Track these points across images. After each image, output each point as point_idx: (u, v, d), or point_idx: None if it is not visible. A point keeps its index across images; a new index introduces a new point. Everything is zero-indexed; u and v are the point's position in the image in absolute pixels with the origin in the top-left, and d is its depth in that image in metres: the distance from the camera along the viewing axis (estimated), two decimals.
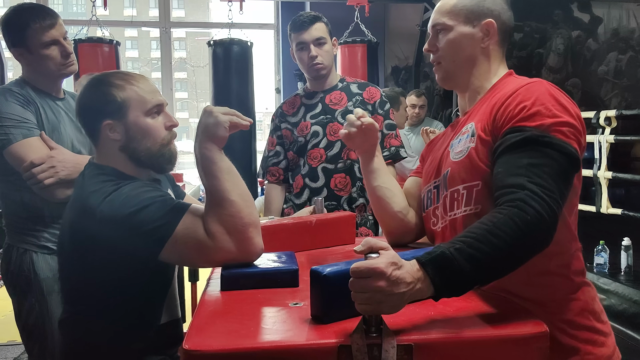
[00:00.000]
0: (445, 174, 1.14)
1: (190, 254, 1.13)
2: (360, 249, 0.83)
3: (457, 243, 0.87)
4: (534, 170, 0.94)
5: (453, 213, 1.11)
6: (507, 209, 0.90)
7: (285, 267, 1.10)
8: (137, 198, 1.14)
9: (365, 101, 2.08)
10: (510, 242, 0.88)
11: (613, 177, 3.49)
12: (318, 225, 1.41)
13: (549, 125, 0.99)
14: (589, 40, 6.00)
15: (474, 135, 1.08)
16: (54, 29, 1.65)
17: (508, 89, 1.08)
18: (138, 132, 1.25)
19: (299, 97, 2.14)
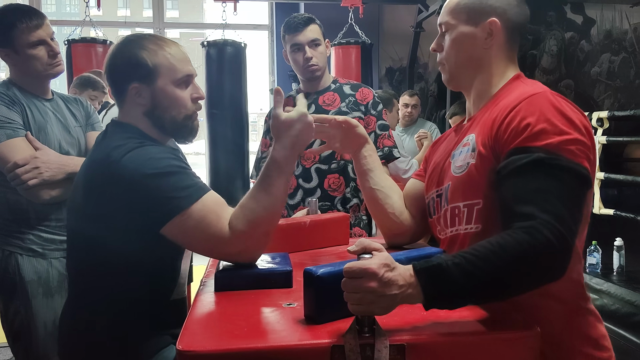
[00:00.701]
0: (446, 187, 1.10)
1: (197, 236, 1.10)
2: (354, 250, 0.84)
3: (457, 257, 0.84)
4: (545, 196, 0.88)
5: (455, 229, 1.08)
6: (517, 234, 0.85)
7: (279, 268, 1.10)
8: (162, 162, 1.12)
9: (358, 102, 2.09)
10: (512, 267, 0.85)
11: (605, 178, 3.50)
12: (312, 226, 1.41)
13: (556, 144, 0.92)
14: (582, 41, 6.03)
15: (475, 150, 1.03)
16: (41, 29, 1.65)
17: (510, 99, 1.02)
18: (164, 100, 1.23)
19: (292, 99, 2.15)
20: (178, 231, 1.10)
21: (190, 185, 1.11)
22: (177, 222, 1.08)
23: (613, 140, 3.54)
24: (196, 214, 1.08)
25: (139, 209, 1.10)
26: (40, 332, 1.65)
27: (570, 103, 1.00)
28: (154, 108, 1.23)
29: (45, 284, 1.66)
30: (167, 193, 1.08)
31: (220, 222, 1.10)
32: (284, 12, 5.49)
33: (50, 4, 34.73)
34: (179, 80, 1.23)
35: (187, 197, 1.09)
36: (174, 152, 1.18)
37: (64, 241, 1.69)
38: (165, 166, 1.11)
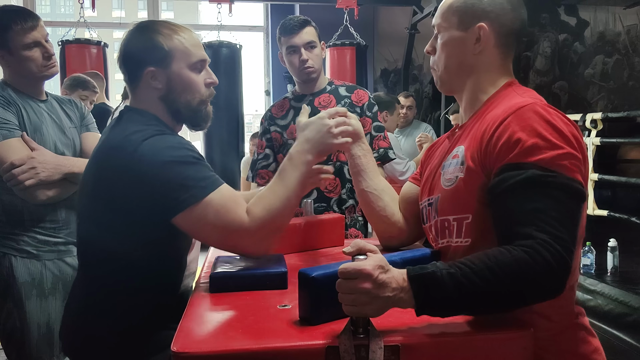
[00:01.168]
0: (436, 199, 1.09)
1: (214, 225, 1.09)
2: (349, 251, 0.84)
3: (453, 267, 0.84)
4: (541, 216, 0.86)
5: (445, 241, 1.07)
6: (516, 252, 0.84)
7: (274, 269, 1.10)
8: (181, 152, 1.12)
9: (354, 104, 2.10)
10: (506, 284, 0.84)
11: (599, 179, 3.52)
12: (307, 227, 1.41)
13: (549, 159, 0.90)
14: (575, 43, 6.06)
15: (463, 164, 1.01)
16: (36, 31, 1.65)
17: (500, 110, 0.99)
18: (180, 84, 1.22)
19: (288, 100, 2.16)
20: (193, 220, 1.09)
21: (208, 176, 1.11)
22: (193, 211, 1.08)
23: (607, 141, 3.55)
24: (215, 202, 1.09)
25: (153, 195, 1.09)
26: (33, 334, 1.64)
27: (561, 113, 0.97)
28: (169, 92, 1.22)
29: (39, 286, 1.65)
30: (185, 181, 1.08)
31: (239, 209, 1.11)
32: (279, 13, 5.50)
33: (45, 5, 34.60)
34: (193, 64, 1.23)
35: (205, 187, 1.09)
36: (190, 144, 1.18)
37: (58, 243, 1.69)
38: (184, 155, 1.11)
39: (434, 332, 0.86)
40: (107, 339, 1.16)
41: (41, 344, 1.65)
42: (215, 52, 4.43)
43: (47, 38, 1.70)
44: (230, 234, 1.11)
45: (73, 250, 1.72)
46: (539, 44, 5.93)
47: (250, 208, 1.12)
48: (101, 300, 1.18)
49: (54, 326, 1.67)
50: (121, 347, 1.16)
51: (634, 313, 2.85)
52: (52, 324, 1.67)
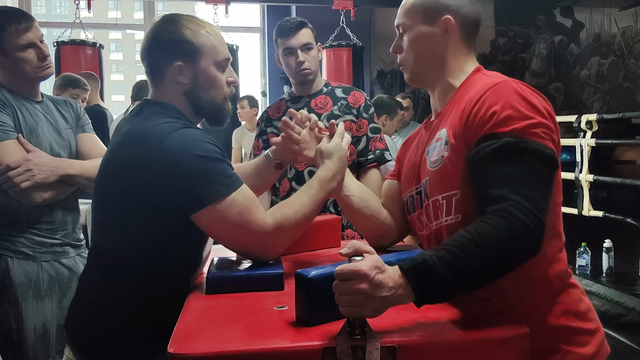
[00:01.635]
0: (424, 183, 1.13)
1: (235, 224, 1.09)
2: (346, 252, 0.84)
3: (440, 251, 0.87)
4: (515, 179, 0.92)
5: (438, 222, 1.10)
6: (492, 219, 0.89)
7: (270, 270, 1.10)
8: (209, 147, 1.11)
9: (350, 105, 2.10)
10: (492, 252, 0.87)
11: (594, 180, 3.53)
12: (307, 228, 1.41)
13: (522, 128, 0.97)
14: (571, 45, 6.09)
15: (447, 144, 1.06)
16: (30, 32, 1.64)
17: (475, 90, 1.06)
18: (205, 81, 1.22)
19: (285, 102, 2.16)
20: (214, 218, 1.09)
21: (232, 174, 1.12)
22: (216, 208, 1.08)
23: (602, 142, 3.57)
24: (239, 201, 1.09)
25: (178, 188, 1.08)
26: (29, 336, 1.64)
27: (532, 89, 1.04)
28: (194, 88, 1.22)
29: (36, 287, 1.65)
30: (211, 177, 1.09)
31: (261, 211, 1.13)
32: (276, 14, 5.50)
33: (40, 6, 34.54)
34: (219, 62, 1.24)
35: (229, 185, 1.10)
36: (214, 140, 1.17)
37: (55, 244, 1.68)
38: (211, 150, 1.11)
39: (431, 333, 0.86)
40: (121, 331, 1.16)
41: (37, 346, 1.64)
42: None
43: (42, 39, 1.69)
44: (249, 235, 1.11)
45: (69, 251, 1.72)
46: (534, 45, 5.96)
47: (274, 213, 1.15)
48: (117, 293, 1.17)
49: (50, 327, 1.66)
50: (133, 339, 1.15)
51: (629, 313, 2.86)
52: (48, 325, 1.66)
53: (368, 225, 1.32)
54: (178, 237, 1.13)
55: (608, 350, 1.11)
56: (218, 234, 1.14)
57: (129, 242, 1.15)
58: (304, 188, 1.22)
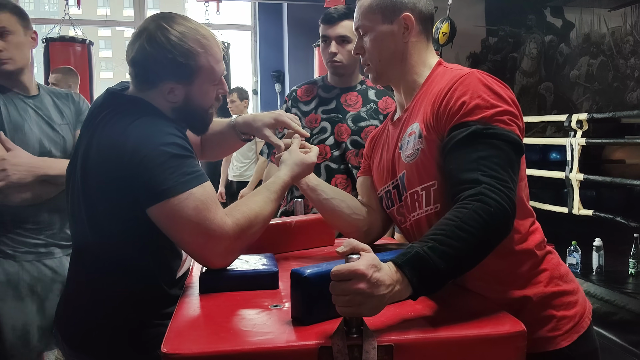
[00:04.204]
0: (401, 177, 1.16)
1: (191, 221, 1.02)
2: (343, 250, 0.83)
3: (429, 241, 0.89)
4: (485, 163, 0.98)
5: (416, 213, 1.14)
6: (470, 204, 0.93)
7: (265, 269, 1.09)
8: (170, 139, 1.06)
9: (379, 110, 2.06)
10: (477, 234, 0.91)
11: (585, 179, 3.55)
12: (298, 226, 1.40)
13: (490, 116, 1.02)
14: (561, 44, 6.11)
15: (421, 137, 1.10)
16: None
17: (443, 83, 1.10)
18: (196, 99, 1.18)
19: (316, 87, 2.11)
20: (167, 214, 1.03)
21: (193, 171, 1.06)
22: (170, 204, 1.02)
23: (592, 142, 3.58)
24: (197, 197, 1.03)
25: (135, 181, 1.03)
26: (8, 336, 1.59)
27: (496, 79, 1.08)
28: (184, 107, 1.18)
29: (15, 287, 1.61)
30: (168, 172, 1.02)
31: (220, 211, 1.07)
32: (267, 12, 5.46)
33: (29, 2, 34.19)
34: (214, 81, 1.20)
35: (187, 181, 1.04)
36: (181, 134, 1.11)
37: (38, 245, 1.64)
38: (172, 143, 1.06)
39: (427, 332, 0.85)
40: (110, 325, 1.14)
41: (16, 346, 1.60)
42: None
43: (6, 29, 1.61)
44: (206, 235, 1.04)
45: (55, 252, 1.68)
46: (525, 45, 5.97)
47: (233, 213, 1.08)
48: (99, 288, 1.15)
49: (30, 328, 1.62)
50: (122, 338, 1.13)
51: (619, 312, 2.88)
52: (28, 326, 1.62)
53: (351, 223, 1.32)
54: (151, 230, 1.08)
55: (591, 306, 1.18)
56: (172, 232, 1.07)
57: (105, 237, 1.12)
58: (262, 190, 1.18)
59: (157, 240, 1.11)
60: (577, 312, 1.12)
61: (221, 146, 1.49)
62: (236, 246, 1.09)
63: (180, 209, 1.03)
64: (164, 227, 1.07)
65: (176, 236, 1.08)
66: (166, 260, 1.17)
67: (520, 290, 1.08)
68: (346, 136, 2.01)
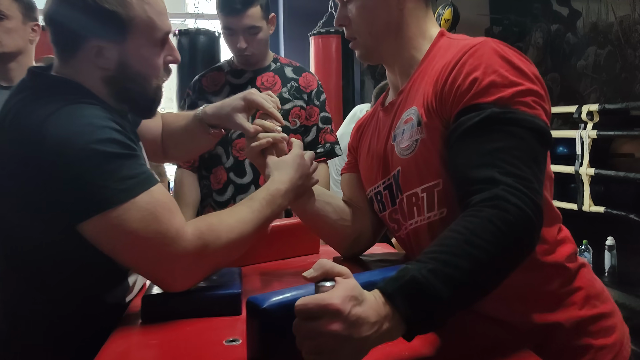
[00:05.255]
0: (395, 175, 0.95)
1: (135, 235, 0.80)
2: (311, 275, 0.62)
3: (429, 261, 0.67)
4: (503, 156, 0.76)
5: (414, 221, 0.93)
6: (484, 210, 0.71)
7: (224, 290, 0.88)
8: (110, 134, 0.82)
9: (301, 89, 1.85)
10: (494, 251, 0.69)
11: (596, 174, 3.37)
12: (274, 233, 1.19)
13: (509, 97, 0.80)
14: (567, 34, 5.93)
15: (420, 124, 0.89)
16: None
17: (449, 56, 0.88)
18: (136, 66, 0.92)
19: (223, 74, 1.86)
20: (103, 230, 0.81)
21: (135, 174, 0.82)
22: (106, 218, 0.80)
23: (604, 134, 3.40)
24: (142, 206, 0.81)
25: (58, 190, 0.81)
26: None
27: (516, 51, 0.87)
28: (119, 76, 0.92)
29: None
30: (100, 179, 0.80)
31: (176, 219, 0.84)
32: None
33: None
34: (157, 40, 0.94)
35: (128, 189, 0.81)
36: (116, 122, 0.87)
37: None
38: (106, 140, 0.81)
39: None
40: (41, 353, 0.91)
41: None
42: (192, 40, 4.19)
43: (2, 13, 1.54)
44: (157, 250, 0.82)
45: None
46: (530, 34, 5.79)
47: (198, 224, 0.87)
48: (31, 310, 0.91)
49: None
50: None
51: (634, 317, 2.69)
52: None
53: (337, 230, 1.09)
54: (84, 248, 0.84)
55: (627, 329, 0.98)
56: (114, 252, 0.84)
57: (22, 259, 0.90)
58: (245, 201, 0.96)
59: (94, 260, 0.86)
60: (617, 339, 0.92)
61: (187, 144, 1.24)
62: (199, 264, 0.86)
63: (121, 222, 0.80)
64: (102, 245, 0.84)
65: (120, 256, 0.85)
66: (103, 282, 0.93)
67: (549, 313, 0.88)
68: None
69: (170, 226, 0.83)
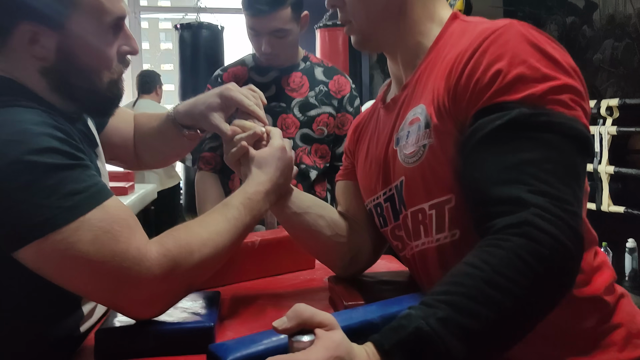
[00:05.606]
0: (398, 186, 0.80)
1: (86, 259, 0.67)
2: (284, 326, 0.48)
3: (438, 307, 0.53)
4: (534, 171, 0.61)
5: (421, 242, 0.78)
6: (508, 240, 0.57)
7: (194, 323, 0.74)
8: (49, 142, 0.69)
9: (331, 94, 1.65)
10: (522, 294, 0.55)
11: (615, 172, 3.24)
12: (264, 246, 1.06)
13: (541, 94, 0.65)
14: (583, 26, 5.75)
15: (429, 127, 0.74)
16: None
17: (464, 43, 0.73)
18: (81, 57, 0.78)
19: (247, 70, 1.68)
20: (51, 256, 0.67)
21: (87, 187, 0.69)
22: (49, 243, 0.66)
23: (625, 130, 3.26)
24: (94, 224, 0.68)
25: None
26: None
27: (549, 37, 0.72)
28: (60, 67, 0.78)
29: None
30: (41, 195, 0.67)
31: (136, 237, 0.71)
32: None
33: None
34: (106, 26, 0.79)
35: (78, 204, 0.68)
36: (67, 127, 0.75)
37: None
38: (45, 150, 0.68)
39: None
40: None
41: None
42: (195, 33, 4.07)
43: None
44: (116, 276, 0.69)
45: None
46: (545, 27, 5.62)
47: (163, 240, 0.73)
48: None
49: None
50: None
51: None
52: None
53: (332, 249, 0.94)
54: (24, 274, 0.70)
55: None
56: (62, 280, 0.70)
57: None
58: (219, 207, 0.81)
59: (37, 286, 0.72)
60: None
61: (161, 148, 1.08)
62: (169, 288, 0.73)
63: (69, 246, 0.67)
64: (47, 274, 0.70)
65: (71, 285, 0.71)
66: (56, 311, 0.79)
67: (584, 357, 0.73)
68: (294, 130, 1.60)
69: (130, 245, 0.69)
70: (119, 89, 0.85)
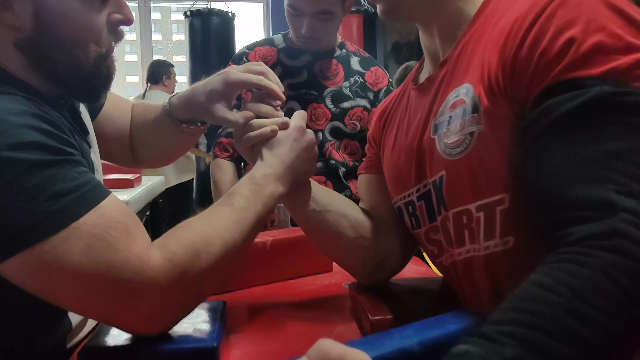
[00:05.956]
0: (437, 182, 0.67)
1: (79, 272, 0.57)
2: None
3: (506, 344, 0.41)
4: (622, 165, 0.48)
5: (465, 249, 0.65)
6: (594, 256, 0.45)
7: (193, 343, 0.63)
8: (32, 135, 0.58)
9: (367, 86, 1.50)
10: (614, 327, 0.42)
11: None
12: (276, 247, 0.95)
13: (626, 68, 0.51)
14: None
15: (478, 111, 0.60)
16: None
17: (522, 5, 0.59)
18: (62, 27, 0.67)
19: (276, 52, 1.52)
20: (36, 269, 0.57)
21: (77, 186, 0.59)
22: (39, 254, 0.56)
23: None
24: (87, 230, 0.57)
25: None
26: None
27: None
28: (38, 38, 0.66)
29: None
30: (23, 198, 0.56)
31: (140, 241, 0.60)
32: None
33: None
34: None
35: (67, 207, 0.57)
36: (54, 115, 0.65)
37: None
38: (27, 144, 0.57)
39: None
40: None
41: None
42: (205, 20, 3.97)
43: None
44: (114, 288, 0.59)
45: None
46: None
47: (166, 244, 0.62)
48: None
49: None
50: None
51: None
52: None
53: (355, 254, 0.81)
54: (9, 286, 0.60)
55: None
56: (50, 294, 0.60)
57: None
58: (224, 198, 0.69)
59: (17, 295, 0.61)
60: None
61: (158, 143, 0.95)
62: (175, 298, 0.62)
63: (58, 257, 0.56)
64: (33, 289, 0.60)
65: (60, 300, 0.60)
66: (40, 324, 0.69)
67: None
68: (324, 122, 1.47)
69: (129, 254, 0.58)
70: (108, 67, 0.72)
